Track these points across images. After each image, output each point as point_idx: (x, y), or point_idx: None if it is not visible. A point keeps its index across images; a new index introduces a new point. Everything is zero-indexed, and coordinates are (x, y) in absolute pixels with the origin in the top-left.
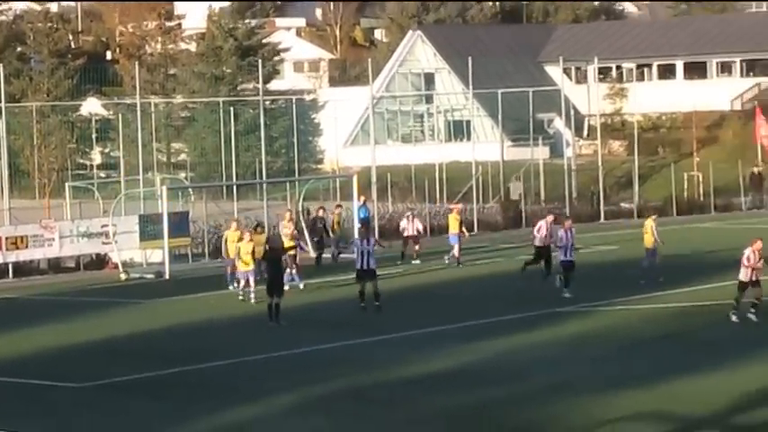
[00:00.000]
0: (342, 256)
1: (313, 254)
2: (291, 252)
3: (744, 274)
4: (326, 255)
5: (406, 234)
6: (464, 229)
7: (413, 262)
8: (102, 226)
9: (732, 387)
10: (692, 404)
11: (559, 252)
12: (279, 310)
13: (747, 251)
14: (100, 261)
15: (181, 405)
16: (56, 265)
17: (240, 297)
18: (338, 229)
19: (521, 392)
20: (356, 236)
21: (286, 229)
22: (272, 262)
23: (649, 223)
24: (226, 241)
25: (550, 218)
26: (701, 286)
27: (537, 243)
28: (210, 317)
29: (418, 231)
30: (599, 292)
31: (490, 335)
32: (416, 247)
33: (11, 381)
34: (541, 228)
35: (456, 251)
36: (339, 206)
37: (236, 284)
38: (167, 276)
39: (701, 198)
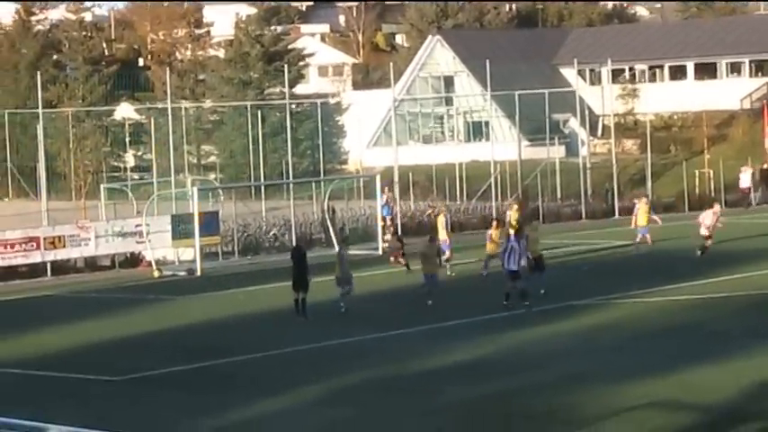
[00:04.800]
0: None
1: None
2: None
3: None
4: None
5: None
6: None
7: None
8: (136, 226)
9: (743, 376)
10: (704, 393)
11: None
12: (305, 304)
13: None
14: (134, 259)
15: (212, 397)
16: (92, 264)
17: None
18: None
19: (538, 382)
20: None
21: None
22: (297, 259)
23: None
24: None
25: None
26: (711, 279)
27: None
28: (240, 312)
29: None
30: (613, 285)
31: (508, 327)
32: None
33: (48, 374)
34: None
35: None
36: (515, 202)
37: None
38: (199, 273)
39: (712, 194)
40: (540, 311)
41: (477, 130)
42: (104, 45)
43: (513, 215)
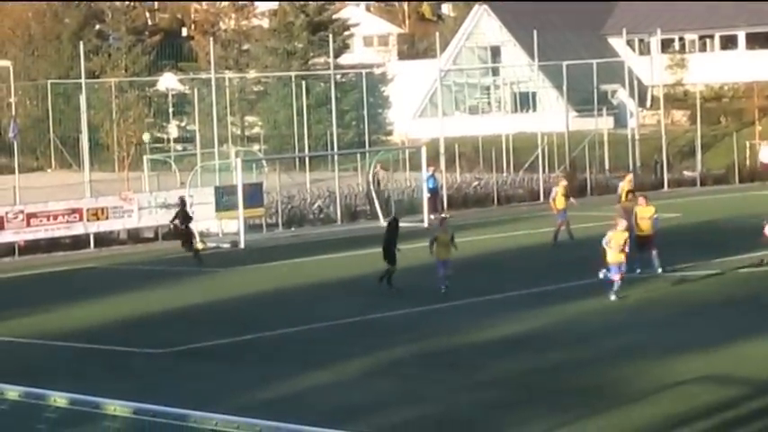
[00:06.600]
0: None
1: None
2: None
3: None
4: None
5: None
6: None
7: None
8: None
9: None
10: (757, 367)
11: None
12: (388, 275)
13: None
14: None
15: (257, 370)
16: (135, 236)
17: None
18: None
19: (588, 356)
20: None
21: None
22: (390, 231)
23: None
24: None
25: None
26: (762, 252)
27: None
28: (284, 285)
29: None
30: (664, 259)
31: (556, 301)
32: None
33: (92, 347)
34: None
35: None
36: (626, 173)
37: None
38: (242, 246)
39: None
40: (590, 285)
41: (525, 101)
42: (147, 15)
43: (624, 186)
